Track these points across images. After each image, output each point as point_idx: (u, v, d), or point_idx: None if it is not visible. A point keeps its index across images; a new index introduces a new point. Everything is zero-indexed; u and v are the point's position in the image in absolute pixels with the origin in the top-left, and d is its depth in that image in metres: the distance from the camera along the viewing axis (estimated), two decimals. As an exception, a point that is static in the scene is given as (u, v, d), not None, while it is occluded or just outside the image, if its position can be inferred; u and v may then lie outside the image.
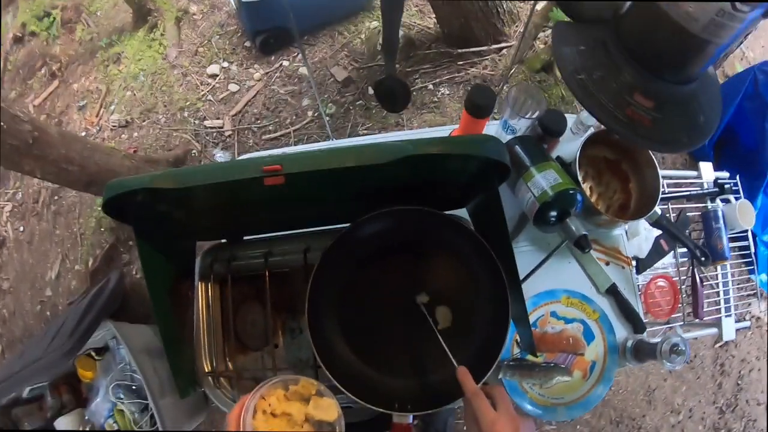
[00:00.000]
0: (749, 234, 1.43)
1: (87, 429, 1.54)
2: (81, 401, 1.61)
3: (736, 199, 1.34)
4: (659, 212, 1.04)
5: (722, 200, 1.34)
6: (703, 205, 1.29)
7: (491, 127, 1.03)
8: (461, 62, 2.13)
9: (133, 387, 1.50)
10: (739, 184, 1.41)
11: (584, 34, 0.65)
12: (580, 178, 0.95)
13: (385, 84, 1.92)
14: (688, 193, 1.29)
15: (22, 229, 2.08)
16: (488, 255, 0.75)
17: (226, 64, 2.22)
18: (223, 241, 0.91)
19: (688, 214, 1.26)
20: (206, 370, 0.84)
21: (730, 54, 2.26)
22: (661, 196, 1.20)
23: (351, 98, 2.10)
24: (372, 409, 0.70)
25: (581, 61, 0.62)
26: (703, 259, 1.13)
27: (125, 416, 1.50)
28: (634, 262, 1.09)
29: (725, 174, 1.40)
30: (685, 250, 1.21)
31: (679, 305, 1.16)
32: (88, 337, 1.39)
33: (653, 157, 1.00)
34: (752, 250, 1.45)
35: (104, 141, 2.12)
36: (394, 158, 0.57)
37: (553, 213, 0.83)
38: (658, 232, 1.14)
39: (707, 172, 1.35)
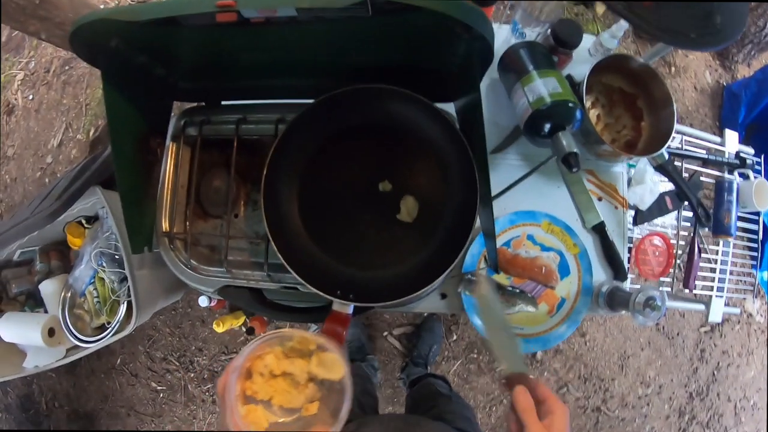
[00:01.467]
0: (760, 222, 1.34)
1: (68, 294, 1.58)
2: (68, 268, 1.64)
3: (756, 177, 1.25)
4: (666, 156, 0.95)
5: (740, 174, 1.25)
6: (719, 174, 1.21)
7: (501, 33, 0.93)
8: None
9: (116, 257, 1.51)
10: (762, 163, 1.31)
11: None
12: (588, 104, 0.88)
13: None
14: (706, 156, 1.19)
15: (31, 97, 2.07)
16: (464, 151, 0.69)
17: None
18: (202, 104, 0.88)
19: (701, 178, 1.18)
20: (163, 230, 0.83)
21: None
22: (676, 151, 1.12)
23: None
24: (319, 296, 0.67)
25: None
26: (704, 220, 1.05)
27: (105, 284, 1.52)
28: (632, 211, 1.02)
29: (750, 150, 1.29)
30: (689, 215, 1.13)
31: (671, 270, 1.10)
32: (73, 201, 1.39)
33: (671, 95, 0.91)
34: (760, 238, 1.36)
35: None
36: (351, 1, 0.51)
37: (547, 124, 0.76)
38: (664, 186, 1.06)
39: (732, 141, 1.25)
